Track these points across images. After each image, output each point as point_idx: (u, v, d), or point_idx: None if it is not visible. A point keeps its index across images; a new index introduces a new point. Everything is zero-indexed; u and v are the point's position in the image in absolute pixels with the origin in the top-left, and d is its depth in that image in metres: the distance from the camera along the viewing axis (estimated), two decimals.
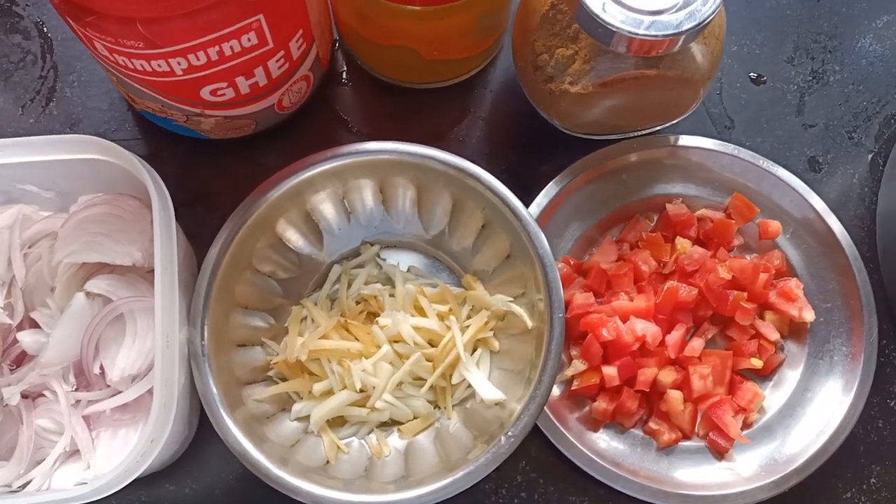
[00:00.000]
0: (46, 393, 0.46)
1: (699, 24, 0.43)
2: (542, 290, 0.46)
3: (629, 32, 0.43)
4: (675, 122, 0.53)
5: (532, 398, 0.44)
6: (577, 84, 0.48)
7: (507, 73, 0.58)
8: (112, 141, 0.55)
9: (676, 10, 0.44)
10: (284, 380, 0.50)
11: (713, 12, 0.44)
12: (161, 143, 0.56)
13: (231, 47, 0.45)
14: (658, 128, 0.54)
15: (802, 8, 0.60)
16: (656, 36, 0.43)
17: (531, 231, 0.47)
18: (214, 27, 0.43)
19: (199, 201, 0.55)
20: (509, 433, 0.44)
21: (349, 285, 0.52)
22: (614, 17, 0.44)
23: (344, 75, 0.58)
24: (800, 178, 0.54)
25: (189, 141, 0.54)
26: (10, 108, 0.56)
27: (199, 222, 0.54)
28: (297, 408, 0.49)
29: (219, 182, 0.55)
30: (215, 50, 0.44)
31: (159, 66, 0.45)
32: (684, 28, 0.43)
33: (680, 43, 0.44)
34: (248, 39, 0.45)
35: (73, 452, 0.46)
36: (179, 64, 0.44)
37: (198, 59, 0.44)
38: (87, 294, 0.46)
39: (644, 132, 0.54)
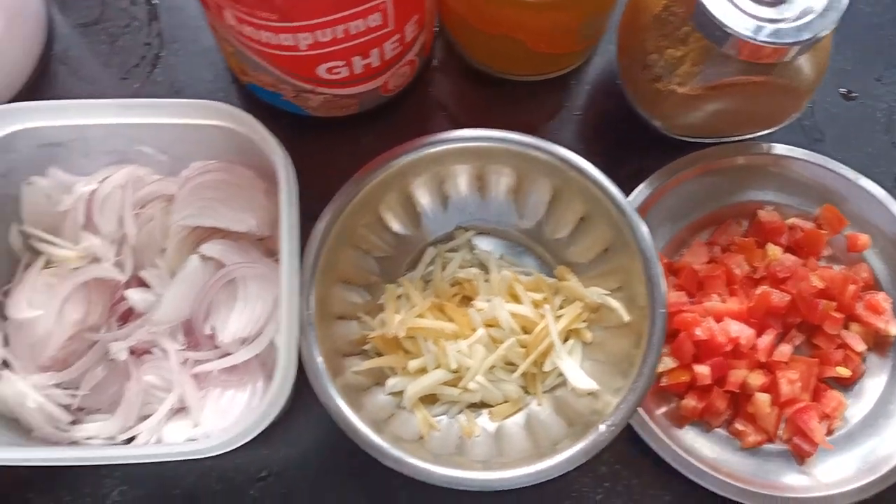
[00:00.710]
0: (154, 350, 0.47)
1: (816, 35, 0.44)
2: (644, 284, 0.47)
3: (748, 37, 0.44)
4: (772, 130, 0.54)
5: (632, 389, 0.45)
6: (686, 85, 0.49)
7: (604, 71, 0.59)
8: None
9: (794, 20, 0.44)
10: (379, 354, 0.51)
11: (832, 24, 0.44)
12: (263, 116, 0.55)
13: (356, 26, 0.45)
14: (754, 135, 0.55)
15: (894, 28, 0.61)
16: (775, 43, 0.44)
17: (634, 226, 0.48)
18: (347, 5, 0.44)
19: (298, 176, 0.56)
20: (609, 422, 0.45)
21: (443, 268, 0.53)
22: (733, 20, 0.44)
23: (440, 63, 0.59)
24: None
25: (291, 117, 0.55)
26: (116, 73, 0.57)
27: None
28: (392, 382, 0.49)
29: (319, 159, 0.56)
30: (342, 28, 0.45)
31: (286, 39, 0.45)
32: (803, 38, 0.44)
33: (794, 53, 0.45)
34: (374, 20, 0.46)
35: (178, 410, 0.46)
36: (305, 39, 0.45)
37: (324, 36, 0.45)
38: (202, 257, 0.46)
39: (741, 138, 0.55)
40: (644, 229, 0.47)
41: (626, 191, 0.54)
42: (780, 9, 0.45)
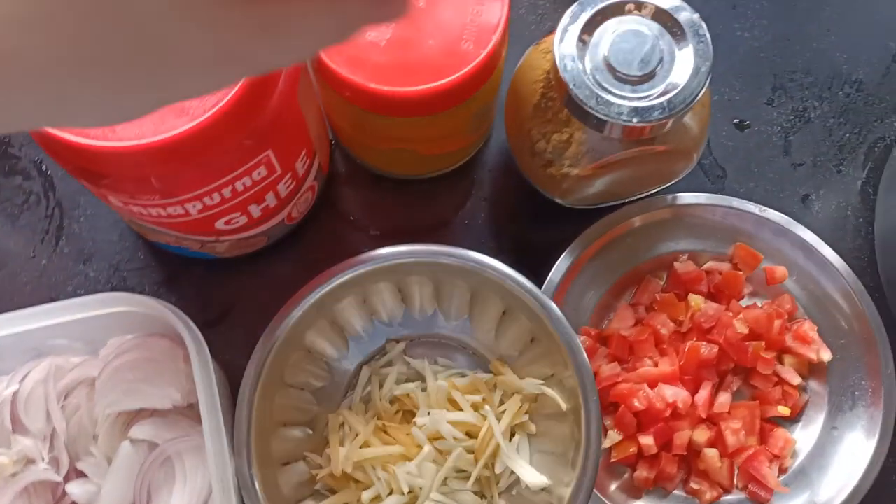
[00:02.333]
0: None
1: (689, 102, 0.45)
2: (573, 372, 0.47)
3: (623, 121, 0.45)
4: (671, 183, 0.55)
5: (579, 486, 0.46)
6: (577, 167, 0.49)
7: (502, 151, 0.60)
8: (126, 271, 0.57)
9: (663, 94, 0.45)
10: (332, 491, 0.51)
11: (702, 88, 0.45)
12: (175, 267, 0.56)
13: (243, 183, 0.46)
14: (657, 189, 0.56)
15: (774, 49, 0.62)
16: (648, 121, 0.45)
17: (554, 318, 0.48)
18: (227, 170, 0.44)
19: (220, 320, 0.56)
20: None
21: (381, 385, 0.53)
22: (604, 106, 0.45)
23: (343, 174, 0.59)
24: (795, 217, 0.56)
25: (203, 262, 0.55)
26: (22, 251, 0.57)
27: (223, 340, 0.55)
28: None
29: (237, 298, 0.56)
30: (229, 189, 0.45)
31: (175, 210, 0.45)
32: (676, 110, 0.45)
33: (671, 124, 0.46)
34: (259, 173, 0.46)
35: None
36: (194, 206, 0.45)
37: (212, 200, 0.45)
38: (132, 441, 0.46)
39: (643, 195, 0.56)
40: (563, 321, 0.48)
41: (546, 263, 0.55)
42: (648, 85, 0.46)
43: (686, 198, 0.56)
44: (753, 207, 0.56)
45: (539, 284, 0.55)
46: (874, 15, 0.62)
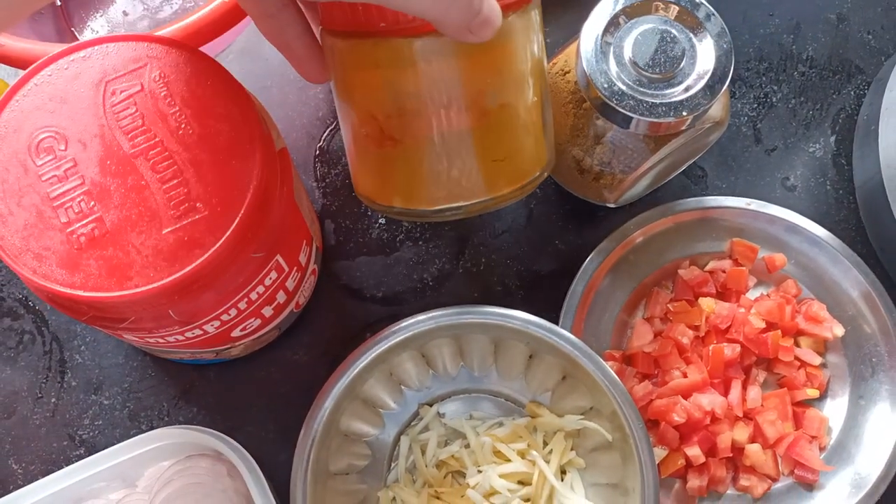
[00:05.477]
0: None
1: (725, 80, 0.45)
2: (615, 406, 0.48)
3: (673, 117, 0.45)
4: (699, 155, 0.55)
5: None
6: (630, 171, 0.50)
7: None
8: (141, 391, 0.55)
9: (700, 78, 0.45)
10: None
11: (731, 65, 0.46)
12: (189, 377, 0.55)
13: (257, 292, 0.45)
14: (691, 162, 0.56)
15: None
16: (683, 115, 0.45)
17: (585, 354, 0.49)
18: (243, 286, 0.43)
19: (247, 421, 0.55)
20: None
21: (423, 452, 0.53)
22: (642, 107, 0.45)
23: (334, 245, 0.59)
24: (779, 202, 0.58)
25: (216, 365, 0.54)
26: (28, 393, 0.55)
27: (256, 439, 0.54)
28: None
29: (259, 394, 0.55)
30: (244, 301, 0.45)
31: (193, 333, 0.45)
32: (717, 91, 0.45)
33: (703, 108, 0.46)
34: (270, 278, 0.45)
35: None
36: (212, 325, 0.45)
37: (229, 315, 0.45)
38: None
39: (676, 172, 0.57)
40: (596, 357, 0.49)
41: (558, 292, 0.56)
42: (679, 78, 0.46)
43: (677, 206, 0.57)
44: (740, 202, 0.57)
45: (555, 313, 0.56)
46: None
